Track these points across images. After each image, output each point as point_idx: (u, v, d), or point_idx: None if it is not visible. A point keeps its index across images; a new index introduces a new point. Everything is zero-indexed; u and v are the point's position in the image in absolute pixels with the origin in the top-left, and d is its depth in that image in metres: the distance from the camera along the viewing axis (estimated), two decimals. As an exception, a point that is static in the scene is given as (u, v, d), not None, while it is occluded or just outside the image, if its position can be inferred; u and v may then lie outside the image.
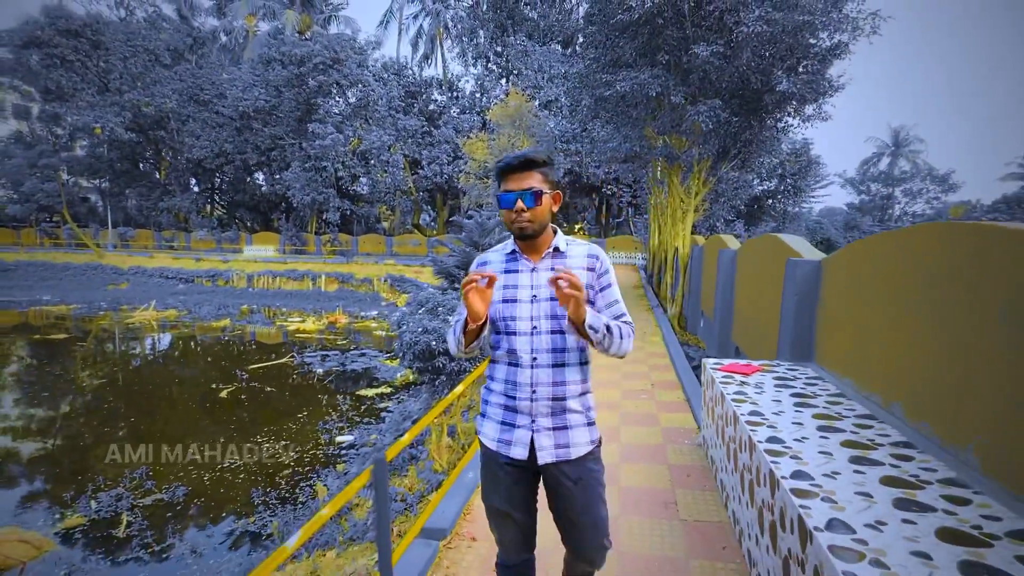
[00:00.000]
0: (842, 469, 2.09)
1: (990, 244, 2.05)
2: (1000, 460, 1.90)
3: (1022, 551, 1.53)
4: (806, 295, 3.76)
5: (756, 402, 2.95)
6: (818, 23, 7.10)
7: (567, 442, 1.55)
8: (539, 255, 1.59)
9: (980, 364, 2.04)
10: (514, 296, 1.57)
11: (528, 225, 1.52)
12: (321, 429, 9.57)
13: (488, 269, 1.62)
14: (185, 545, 6.02)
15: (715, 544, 2.74)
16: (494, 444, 1.60)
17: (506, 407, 1.59)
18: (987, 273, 2.05)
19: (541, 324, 1.54)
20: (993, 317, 1.98)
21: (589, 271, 1.59)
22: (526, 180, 1.51)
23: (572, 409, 1.56)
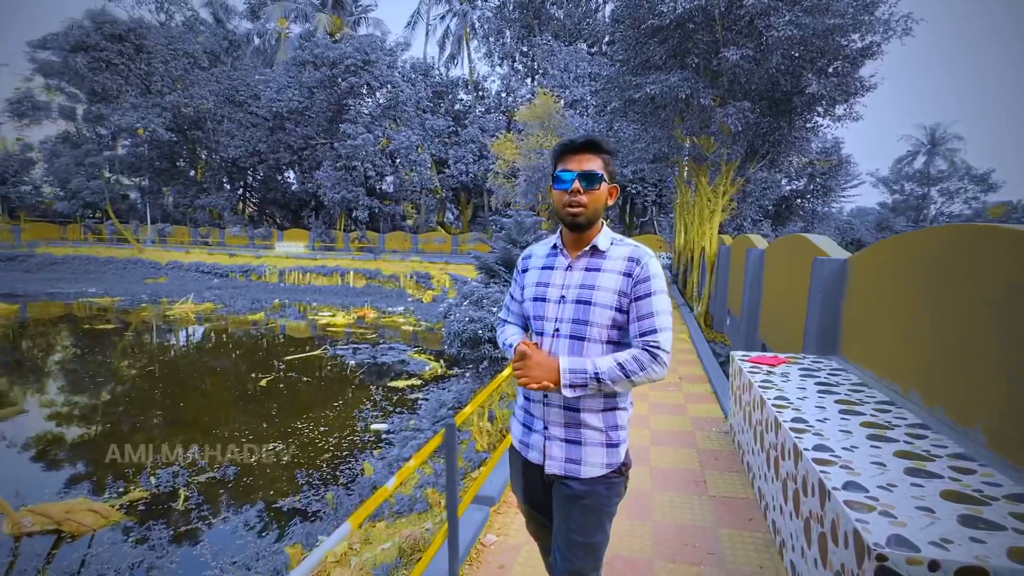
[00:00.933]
0: (860, 444, 2.33)
1: (991, 244, 2.27)
2: (1004, 437, 2.13)
3: (1016, 509, 1.77)
4: (832, 292, 3.97)
5: (782, 389, 3.19)
6: (849, 26, 7.19)
7: (578, 458, 1.43)
8: (578, 251, 1.48)
9: (986, 353, 2.26)
10: (544, 295, 1.49)
11: (580, 211, 1.40)
12: (356, 417, 10.02)
13: (531, 263, 1.60)
14: (239, 518, 6.50)
15: (742, 516, 3.00)
16: (517, 443, 1.58)
17: (526, 409, 1.55)
18: (987, 270, 2.27)
19: (563, 327, 1.44)
20: (995, 312, 2.20)
21: (625, 276, 1.42)
22: (587, 162, 1.41)
23: (589, 424, 1.43)
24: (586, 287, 1.44)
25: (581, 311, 1.42)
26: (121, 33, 29.17)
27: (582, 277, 1.46)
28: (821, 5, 6.95)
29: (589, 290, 1.43)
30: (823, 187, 27.39)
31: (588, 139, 1.43)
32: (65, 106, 33.89)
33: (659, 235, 27.38)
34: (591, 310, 1.42)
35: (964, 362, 2.43)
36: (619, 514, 3.02)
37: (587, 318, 1.41)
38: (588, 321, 1.41)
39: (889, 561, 1.54)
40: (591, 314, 1.42)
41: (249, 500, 7.04)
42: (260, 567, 5.33)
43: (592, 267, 1.46)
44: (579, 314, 1.42)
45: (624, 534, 2.83)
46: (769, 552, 2.66)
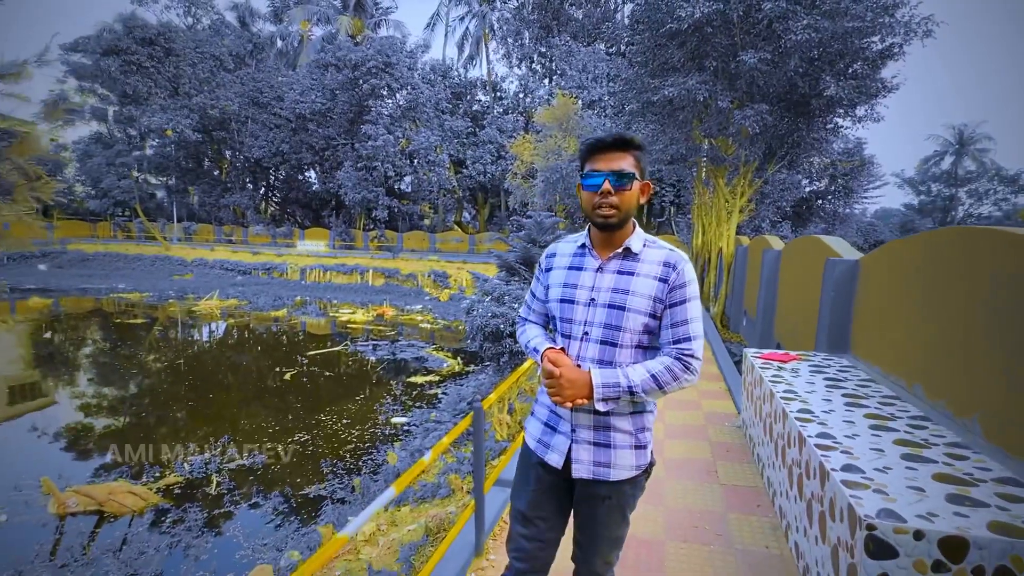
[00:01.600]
0: (862, 433, 2.48)
1: (984, 245, 2.40)
2: (999, 427, 2.26)
3: (1003, 490, 1.92)
4: (843, 291, 4.09)
5: (791, 384, 3.34)
6: (868, 29, 7.23)
7: (608, 461, 1.41)
8: (609, 253, 1.44)
9: (983, 349, 2.39)
10: (572, 296, 1.45)
11: (612, 213, 1.36)
12: (377, 411, 10.33)
13: (556, 262, 1.54)
14: (268, 504, 6.82)
15: (750, 503, 3.16)
16: (534, 444, 1.53)
17: (551, 410, 1.50)
18: (981, 270, 2.40)
19: (592, 331, 1.40)
20: (989, 309, 2.34)
21: (660, 282, 1.38)
22: (618, 161, 1.36)
23: (618, 428, 1.41)
24: (619, 291, 1.39)
25: (614, 316, 1.38)
26: (151, 37, 30.10)
27: (614, 280, 1.41)
28: (840, 9, 7.00)
29: (623, 295, 1.38)
30: (845, 188, 26.99)
31: (618, 136, 1.38)
32: (97, 108, 35.04)
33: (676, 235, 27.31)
34: (625, 315, 1.37)
35: (964, 358, 2.56)
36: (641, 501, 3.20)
37: (620, 323, 1.37)
38: (621, 327, 1.37)
39: (878, 530, 1.71)
40: (624, 320, 1.37)
41: (277, 487, 7.36)
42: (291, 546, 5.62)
43: (625, 270, 1.41)
44: (611, 319, 1.38)
45: (638, 518, 3.01)
46: (775, 535, 2.82)
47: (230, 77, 32.45)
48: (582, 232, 1.53)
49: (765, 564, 2.57)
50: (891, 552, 1.70)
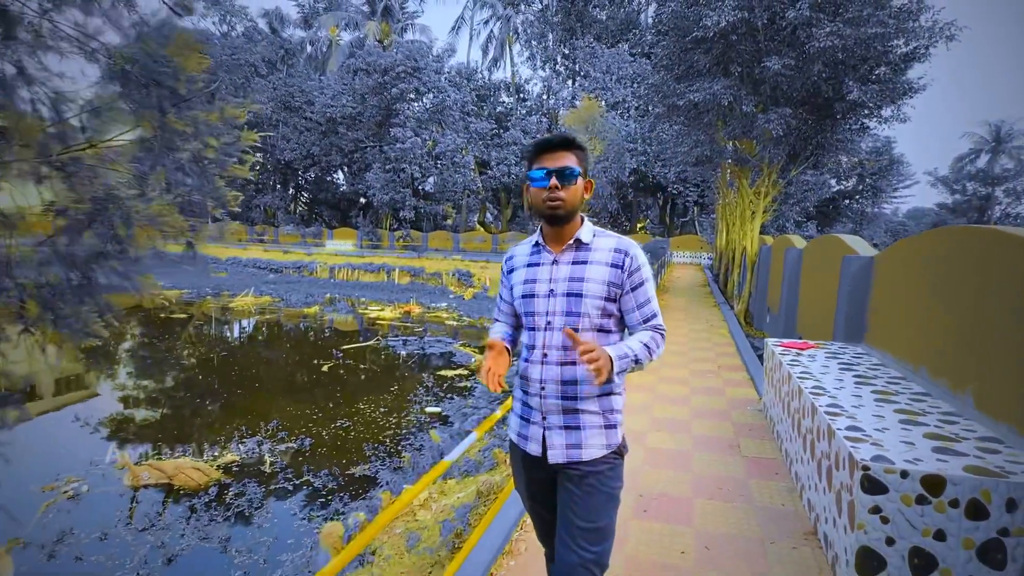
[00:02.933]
0: (867, 404, 2.86)
1: (984, 244, 2.75)
2: (986, 398, 2.62)
3: (982, 445, 2.30)
4: (859, 285, 4.42)
5: (808, 367, 3.71)
6: (891, 35, 7.44)
7: (579, 442, 1.47)
8: (561, 246, 1.53)
9: (980, 334, 2.75)
10: (533, 291, 1.53)
11: (560, 205, 1.45)
12: (412, 400, 10.89)
13: (515, 263, 1.64)
14: (319, 481, 7.40)
15: (769, 471, 3.54)
16: (515, 437, 1.61)
17: (523, 402, 1.57)
18: (982, 266, 2.75)
19: (555, 320, 1.48)
20: (982, 300, 2.69)
21: (614, 268, 1.48)
22: (562, 159, 1.47)
23: (587, 410, 1.48)
24: (575, 280, 1.48)
25: (572, 303, 1.47)
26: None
27: (569, 271, 1.50)
28: (862, 16, 7.23)
29: (579, 282, 1.48)
30: (873, 188, 26.70)
31: (562, 137, 1.50)
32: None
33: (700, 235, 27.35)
34: (582, 302, 1.47)
35: (964, 342, 2.91)
36: (662, 465, 3.63)
37: (578, 309, 1.46)
38: (580, 312, 1.46)
39: (871, 471, 2.11)
40: (582, 305, 1.47)
41: (325, 467, 7.95)
42: (345, 512, 6.16)
43: (579, 260, 1.51)
44: (571, 306, 1.47)
45: (668, 480, 3.43)
46: (791, 496, 3.21)
47: (263, 82, 33.62)
48: (534, 235, 1.62)
49: (781, 517, 2.97)
50: (882, 488, 2.10)
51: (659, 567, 2.53)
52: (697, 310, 11.62)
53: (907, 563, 2.08)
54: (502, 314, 1.74)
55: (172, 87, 1.60)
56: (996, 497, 1.99)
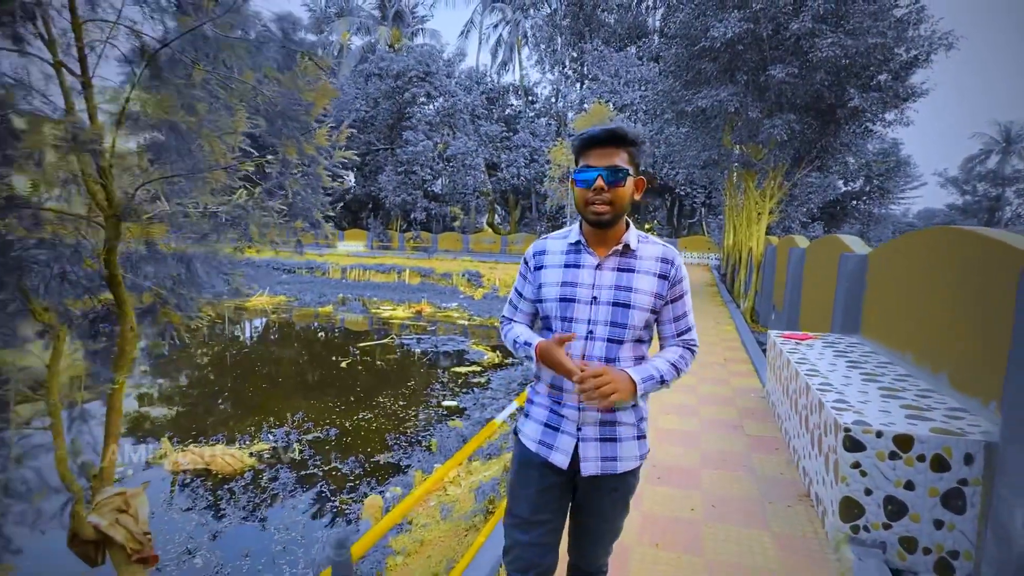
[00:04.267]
0: (854, 383, 3.25)
1: (961, 244, 3.14)
2: (959, 377, 3.00)
3: (949, 413, 2.68)
4: (855, 281, 4.80)
5: (806, 355, 4.10)
6: (890, 45, 7.79)
7: (615, 455, 1.43)
8: (606, 250, 1.42)
9: (956, 322, 3.13)
10: (573, 295, 1.42)
11: (606, 210, 1.34)
12: (429, 395, 11.34)
13: (547, 260, 1.49)
14: (346, 467, 7.85)
15: (770, 447, 3.94)
16: (534, 446, 1.49)
17: (551, 410, 1.47)
18: (958, 263, 3.14)
19: (598, 330, 1.39)
20: (956, 293, 3.08)
21: (660, 278, 1.41)
22: (611, 156, 1.34)
23: (623, 421, 1.44)
24: (622, 288, 1.40)
25: (619, 314, 1.38)
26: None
27: (615, 278, 1.41)
28: (863, 27, 7.59)
29: (626, 292, 1.39)
30: (880, 189, 26.86)
31: (611, 131, 1.36)
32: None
33: (707, 236, 27.64)
34: (630, 313, 1.39)
35: (939, 330, 3.29)
36: (673, 443, 4.04)
37: (625, 321, 1.38)
38: (626, 324, 1.38)
39: (852, 432, 2.51)
40: (629, 317, 1.39)
41: (352, 454, 8.41)
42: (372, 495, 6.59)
43: (625, 267, 1.42)
44: (617, 317, 1.39)
45: (678, 455, 3.84)
46: (789, 467, 3.60)
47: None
48: (570, 228, 1.51)
49: (778, 483, 3.36)
50: (861, 447, 2.50)
51: (672, 520, 2.94)
52: (705, 308, 11.99)
53: (882, 509, 2.48)
54: (520, 313, 1.58)
55: (305, 121, 2.02)
56: (956, 453, 2.38)
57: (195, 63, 1.78)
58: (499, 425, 3.18)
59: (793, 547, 2.68)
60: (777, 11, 8.06)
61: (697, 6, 9.08)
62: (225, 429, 9.45)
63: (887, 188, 26.75)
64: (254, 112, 1.92)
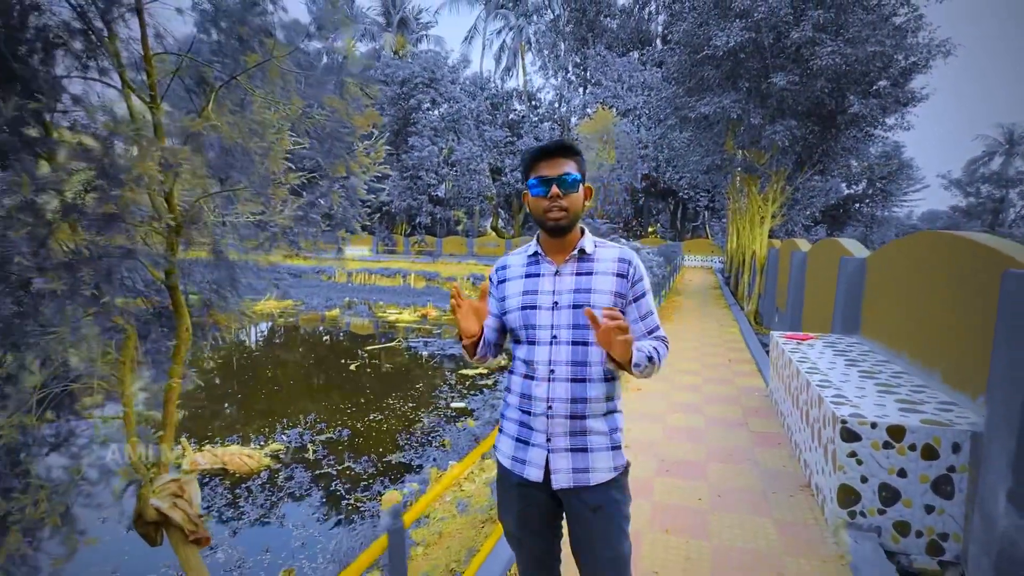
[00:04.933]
0: (852, 379, 3.44)
1: (952, 248, 3.33)
2: (950, 374, 3.18)
3: (940, 406, 2.86)
4: (854, 283, 4.98)
5: (807, 354, 4.28)
6: (889, 53, 7.99)
7: (586, 466, 1.40)
8: (563, 256, 1.47)
9: (948, 323, 3.32)
10: (534, 303, 1.45)
11: (563, 215, 1.40)
12: (437, 396, 11.54)
13: (508, 273, 1.53)
14: (360, 466, 8.05)
15: (773, 442, 4.12)
16: (508, 462, 1.48)
17: (521, 423, 1.46)
18: (949, 267, 3.32)
19: (561, 334, 1.41)
20: (948, 295, 3.26)
21: (619, 277, 1.44)
22: (561, 166, 1.40)
23: (594, 430, 1.41)
24: (581, 291, 1.42)
25: (580, 316, 1.40)
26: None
27: (574, 282, 1.44)
28: (862, 36, 7.79)
29: (586, 294, 1.42)
30: (883, 191, 26.98)
31: (560, 143, 1.44)
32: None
33: (711, 239, 27.79)
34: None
35: (933, 329, 3.48)
36: (680, 439, 4.22)
37: (587, 322, 1.37)
38: (588, 325, 1.37)
39: (848, 423, 2.69)
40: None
41: (364, 454, 8.61)
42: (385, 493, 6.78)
43: (583, 271, 1.45)
44: (578, 319, 1.40)
45: (685, 450, 4.02)
46: (791, 460, 3.78)
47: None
48: (530, 243, 1.55)
49: (781, 475, 3.55)
50: (856, 437, 2.68)
51: (680, 509, 3.12)
52: (709, 310, 12.16)
53: (877, 496, 2.66)
54: (486, 329, 1.55)
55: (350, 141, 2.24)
56: (945, 442, 2.57)
57: (253, 91, 1.99)
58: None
59: (794, 532, 2.86)
60: (778, 20, 8.27)
61: (700, 15, 9.30)
62: (240, 430, 9.67)
63: (889, 191, 26.87)
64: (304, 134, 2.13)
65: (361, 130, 2.25)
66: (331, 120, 2.17)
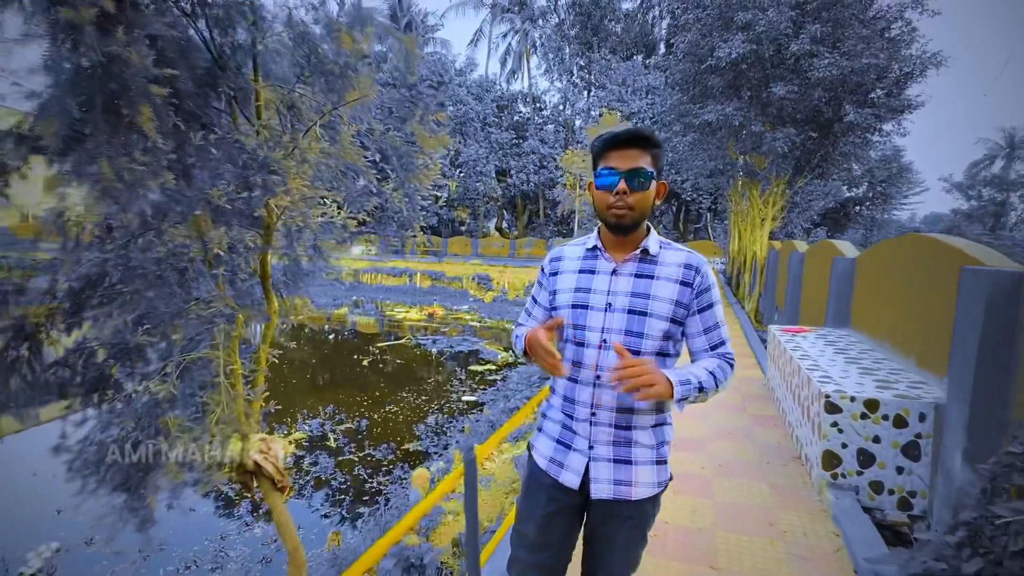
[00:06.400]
0: (838, 364, 3.89)
1: (929, 249, 3.78)
2: (923, 359, 3.63)
3: (911, 384, 3.31)
4: (845, 281, 5.43)
5: (800, 344, 4.73)
6: (883, 63, 8.45)
7: (629, 479, 1.34)
8: (624, 255, 1.37)
9: (922, 315, 3.77)
10: (586, 301, 1.37)
11: (627, 213, 1.30)
12: (449, 391, 12.00)
13: (562, 266, 1.46)
14: (380, 453, 8.51)
15: (770, 424, 4.57)
16: (545, 463, 1.43)
17: (564, 426, 1.41)
18: (924, 266, 3.77)
19: (612, 338, 1.32)
20: (923, 290, 3.71)
21: (683, 286, 1.33)
22: (633, 159, 1.30)
23: (640, 442, 1.35)
24: (639, 296, 1.33)
25: (635, 322, 1.31)
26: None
27: (632, 284, 1.35)
28: (857, 50, 8.24)
29: (643, 299, 1.33)
30: (883, 194, 27.41)
31: (634, 132, 1.32)
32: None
33: (713, 241, 28.22)
34: (646, 321, 1.31)
35: (910, 321, 3.93)
36: (683, 420, 4.67)
37: (640, 329, 1.31)
38: (643, 333, 1.31)
39: (831, 397, 3.15)
40: (646, 325, 1.31)
41: (383, 442, 9.07)
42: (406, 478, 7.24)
43: (643, 273, 1.35)
44: (632, 325, 1.31)
45: (690, 427, 4.47)
46: (785, 437, 4.23)
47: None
48: (589, 235, 1.46)
49: (776, 449, 4.00)
50: (838, 409, 3.13)
51: (687, 475, 3.57)
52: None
53: (855, 459, 3.11)
54: (533, 320, 1.53)
55: (423, 160, 2.70)
56: (913, 413, 3.02)
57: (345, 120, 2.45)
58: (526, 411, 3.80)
59: (785, 492, 3.31)
60: (778, 33, 8.72)
61: (704, 26, 9.77)
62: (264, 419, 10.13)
63: (889, 194, 27.29)
64: (377, 150, 2.58)
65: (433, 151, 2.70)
66: (405, 141, 2.62)
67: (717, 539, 2.79)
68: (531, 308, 1.56)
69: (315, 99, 2.32)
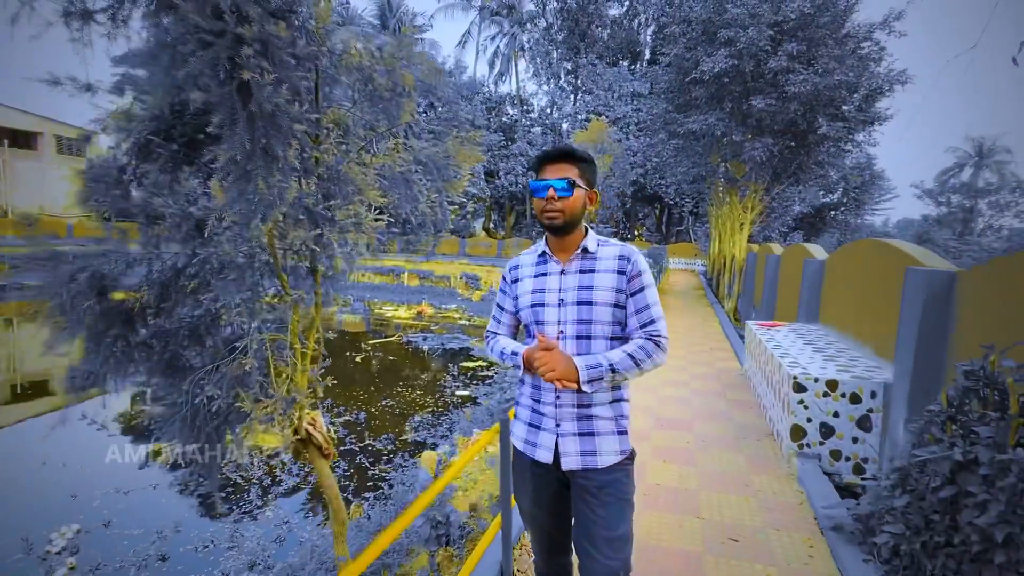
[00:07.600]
0: (806, 352, 4.43)
1: (883, 252, 4.34)
2: (877, 347, 4.18)
3: (867, 367, 3.85)
4: (814, 280, 6.01)
5: (774, 336, 5.27)
6: (852, 81, 9.13)
7: (593, 449, 1.51)
8: (568, 255, 1.58)
9: (879, 310, 4.32)
10: (542, 300, 1.56)
11: (558, 215, 1.50)
12: (442, 386, 12.40)
13: (521, 273, 1.65)
14: (380, 443, 8.88)
15: (746, 408, 5.11)
16: (521, 445, 1.62)
17: (533, 409, 1.59)
18: (880, 266, 4.33)
19: (567, 329, 1.52)
20: (876, 288, 4.27)
21: (619, 274, 1.53)
22: (563, 171, 1.51)
23: (600, 416, 1.52)
24: (584, 288, 1.52)
25: (584, 311, 1.51)
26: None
27: (578, 279, 1.54)
28: (830, 67, 8.89)
29: (588, 291, 1.52)
30: (856, 200, 28.53)
31: (562, 150, 1.54)
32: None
33: (695, 243, 29.03)
34: (593, 309, 1.51)
35: (867, 314, 4.49)
36: (670, 405, 5.18)
37: (590, 317, 1.50)
38: (592, 320, 1.50)
39: (798, 378, 3.67)
40: (594, 313, 1.51)
41: (383, 433, 9.43)
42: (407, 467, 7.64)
43: (586, 269, 1.54)
44: (582, 314, 1.51)
45: (675, 410, 4.98)
46: (760, 419, 4.77)
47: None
48: (539, 243, 1.65)
49: (751, 428, 4.52)
50: (804, 389, 3.66)
51: (673, 449, 4.07)
52: (692, 308, 13.25)
53: (818, 431, 3.64)
54: (502, 326, 1.71)
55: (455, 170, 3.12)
56: (866, 390, 3.55)
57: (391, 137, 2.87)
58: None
59: (759, 461, 3.83)
60: (758, 50, 9.34)
61: (689, 40, 10.35)
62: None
63: (862, 200, 28.42)
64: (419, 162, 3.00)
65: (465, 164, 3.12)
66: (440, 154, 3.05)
67: (701, 497, 3.29)
68: (499, 316, 1.73)
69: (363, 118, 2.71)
